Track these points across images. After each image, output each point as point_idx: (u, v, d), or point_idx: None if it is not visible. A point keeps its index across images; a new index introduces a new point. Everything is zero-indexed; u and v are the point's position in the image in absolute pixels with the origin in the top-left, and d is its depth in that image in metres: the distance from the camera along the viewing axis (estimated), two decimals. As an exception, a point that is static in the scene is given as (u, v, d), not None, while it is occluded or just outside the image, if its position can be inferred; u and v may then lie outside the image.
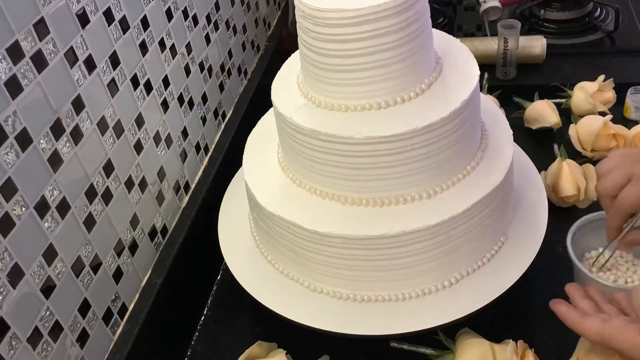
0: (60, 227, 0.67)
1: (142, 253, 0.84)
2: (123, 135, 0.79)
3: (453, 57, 0.76)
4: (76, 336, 0.70)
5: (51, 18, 0.65)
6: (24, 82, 0.62)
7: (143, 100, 0.84)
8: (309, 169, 0.73)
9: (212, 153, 1.05)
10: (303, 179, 0.75)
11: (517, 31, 1.14)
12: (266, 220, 0.77)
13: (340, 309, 0.74)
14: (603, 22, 1.31)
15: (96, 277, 0.73)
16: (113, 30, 0.77)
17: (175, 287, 0.87)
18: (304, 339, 0.76)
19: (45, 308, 0.65)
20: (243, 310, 0.87)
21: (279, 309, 0.75)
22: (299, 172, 0.75)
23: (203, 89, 1.03)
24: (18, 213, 0.61)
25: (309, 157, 0.72)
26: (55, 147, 0.66)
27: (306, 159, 0.72)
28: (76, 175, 0.70)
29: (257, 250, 0.84)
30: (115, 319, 0.77)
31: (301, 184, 0.75)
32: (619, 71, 1.16)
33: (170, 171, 0.91)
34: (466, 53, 0.77)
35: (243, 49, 1.20)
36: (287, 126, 0.72)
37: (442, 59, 0.75)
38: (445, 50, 0.76)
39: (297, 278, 0.78)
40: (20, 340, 0.61)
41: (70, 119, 0.69)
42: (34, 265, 0.63)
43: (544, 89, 1.12)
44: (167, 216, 0.91)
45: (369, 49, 0.65)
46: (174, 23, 0.92)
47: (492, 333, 0.73)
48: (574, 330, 0.62)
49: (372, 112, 0.69)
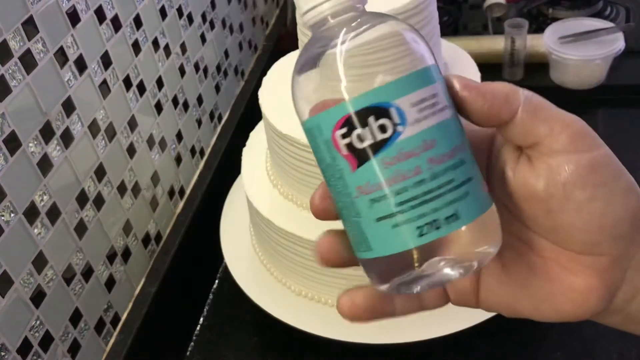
0: (51, 233, 0.67)
1: (136, 260, 0.83)
2: (115, 139, 0.78)
3: (459, 65, 0.76)
4: (67, 347, 0.69)
5: (40, 17, 0.65)
6: (13, 83, 0.61)
7: (136, 102, 0.83)
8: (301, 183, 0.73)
9: (208, 157, 1.04)
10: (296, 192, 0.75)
11: (525, 30, 1.13)
12: (268, 231, 0.77)
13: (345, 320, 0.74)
14: (613, 21, 1.30)
15: (88, 285, 0.73)
16: (105, 29, 0.76)
17: (170, 295, 0.86)
18: (302, 349, 0.76)
19: (35, 317, 0.64)
20: (240, 320, 0.86)
21: (291, 320, 0.76)
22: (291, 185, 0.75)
23: (198, 91, 1.02)
24: (7, 219, 0.61)
25: (302, 171, 0.71)
26: (45, 151, 0.66)
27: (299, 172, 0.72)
28: (67, 180, 0.69)
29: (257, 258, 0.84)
30: (107, 329, 0.77)
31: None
32: (630, 71, 1.15)
33: (164, 176, 0.91)
34: (471, 62, 0.77)
35: (240, 48, 1.19)
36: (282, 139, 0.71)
37: (450, 68, 0.75)
38: (452, 58, 0.76)
39: (305, 293, 0.78)
40: (10, 351, 0.61)
41: (61, 122, 0.68)
42: (24, 273, 0.63)
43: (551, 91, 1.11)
44: (162, 222, 0.90)
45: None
46: (168, 22, 0.92)
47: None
48: None
49: None
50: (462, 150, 0.31)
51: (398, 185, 0.30)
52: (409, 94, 0.30)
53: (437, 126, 0.30)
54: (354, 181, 0.31)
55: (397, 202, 0.30)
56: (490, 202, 0.32)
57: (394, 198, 0.30)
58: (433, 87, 0.31)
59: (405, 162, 0.30)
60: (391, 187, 0.30)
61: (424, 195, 0.30)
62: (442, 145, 0.30)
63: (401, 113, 0.30)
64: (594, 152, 0.31)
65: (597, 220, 0.31)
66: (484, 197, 0.31)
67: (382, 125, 0.30)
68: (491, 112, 0.31)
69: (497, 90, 0.31)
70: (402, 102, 0.30)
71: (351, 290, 0.34)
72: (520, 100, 0.31)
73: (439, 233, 0.30)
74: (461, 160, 0.31)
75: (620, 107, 1.11)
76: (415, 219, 0.30)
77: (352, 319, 0.34)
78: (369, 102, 0.30)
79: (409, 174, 0.30)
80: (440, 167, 0.30)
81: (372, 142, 0.30)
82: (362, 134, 0.30)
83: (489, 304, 0.35)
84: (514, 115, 0.31)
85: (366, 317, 0.34)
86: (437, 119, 0.30)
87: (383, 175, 0.30)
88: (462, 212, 0.30)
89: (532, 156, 0.32)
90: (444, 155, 0.30)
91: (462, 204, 0.30)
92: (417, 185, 0.30)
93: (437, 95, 0.31)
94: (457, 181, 0.30)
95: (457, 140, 0.31)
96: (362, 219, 0.31)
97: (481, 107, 0.31)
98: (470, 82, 0.32)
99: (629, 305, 0.33)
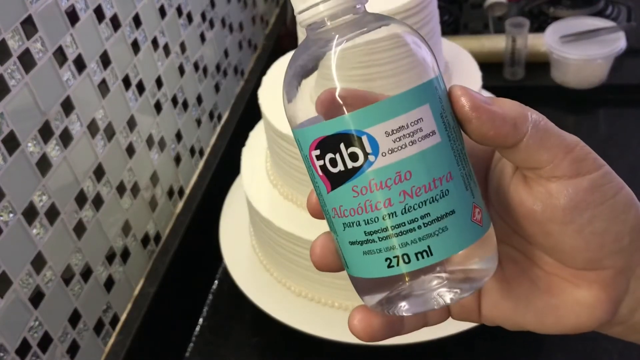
0: (50, 233, 0.66)
1: (135, 261, 0.83)
2: (114, 138, 0.78)
3: (459, 64, 0.76)
4: (66, 347, 0.69)
5: (39, 16, 0.65)
6: (11, 83, 0.61)
7: (135, 101, 0.83)
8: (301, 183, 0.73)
9: (207, 157, 1.04)
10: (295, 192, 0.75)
11: (526, 29, 1.13)
12: (267, 231, 0.76)
13: (346, 321, 0.74)
14: (615, 20, 1.30)
15: (87, 286, 0.73)
16: (104, 28, 0.76)
17: (169, 296, 0.86)
18: (301, 350, 0.76)
19: (34, 318, 0.64)
20: (240, 321, 0.86)
21: (291, 321, 0.75)
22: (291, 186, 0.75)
23: (198, 90, 1.02)
24: (5, 219, 0.60)
25: (302, 171, 0.71)
26: (43, 151, 0.65)
27: (299, 172, 0.72)
28: (66, 180, 0.69)
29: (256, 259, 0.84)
30: (107, 329, 0.77)
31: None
32: (632, 70, 1.15)
33: (163, 176, 0.90)
34: (472, 62, 0.76)
35: (240, 48, 1.19)
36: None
37: (450, 67, 0.74)
38: (453, 57, 0.76)
39: (304, 293, 0.78)
40: (8, 352, 0.61)
41: (60, 121, 0.68)
42: (22, 273, 0.62)
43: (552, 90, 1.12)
44: (161, 222, 0.90)
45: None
46: (167, 21, 0.91)
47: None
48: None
49: None
50: (449, 179, 0.29)
51: (367, 216, 0.29)
52: (385, 122, 0.28)
53: (416, 156, 0.28)
54: (330, 202, 0.30)
55: (367, 231, 0.29)
56: (480, 233, 0.30)
57: (364, 227, 0.29)
58: (419, 111, 0.28)
59: (376, 192, 0.29)
60: (361, 216, 0.29)
61: (394, 229, 0.29)
62: (420, 177, 0.28)
63: (374, 142, 0.28)
64: (592, 174, 0.30)
65: (598, 239, 0.30)
66: (469, 229, 0.30)
67: (353, 154, 0.28)
68: (497, 137, 0.30)
69: (507, 114, 0.30)
70: (376, 130, 0.28)
71: (365, 310, 0.32)
72: (528, 128, 0.30)
73: (408, 267, 0.29)
74: (443, 192, 0.29)
75: (621, 107, 1.11)
76: (384, 251, 0.29)
77: (367, 340, 0.33)
78: (341, 128, 0.28)
79: (379, 205, 0.29)
80: (414, 201, 0.28)
81: (343, 169, 0.29)
82: (334, 159, 0.29)
83: (492, 319, 0.35)
84: (519, 142, 0.30)
85: (380, 337, 0.33)
86: (418, 148, 0.28)
87: (353, 202, 0.29)
88: (436, 248, 0.29)
89: (530, 178, 0.31)
90: (421, 188, 0.28)
91: (437, 240, 0.29)
92: (388, 218, 0.29)
93: (423, 120, 0.28)
94: (433, 215, 0.29)
95: (443, 169, 0.29)
96: (339, 238, 0.31)
97: (487, 132, 0.30)
98: (480, 100, 0.30)
99: (633, 315, 0.33)
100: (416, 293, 0.30)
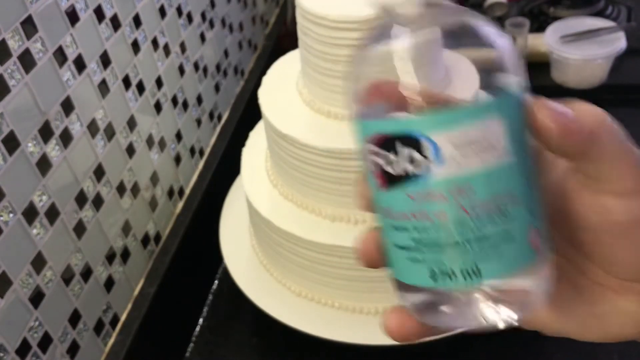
0: (50, 234, 0.66)
1: (135, 261, 0.83)
2: (114, 138, 0.78)
3: (458, 67, 0.75)
4: (66, 348, 0.69)
5: (39, 16, 0.65)
6: (11, 83, 0.61)
7: (135, 101, 0.83)
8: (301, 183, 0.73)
9: (207, 157, 1.04)
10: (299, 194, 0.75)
11: (526, 29, 1.13)
12: (267, 231, 0.76)
13: (346, 321, 0.74)
14: (615, 20, 1.30)
15: (87, 286, 0.72)
16: (104, 28, 0.76)
17: (169, 296, 0.86)
18: (302, 350, 0.76)
19: (34, 318, 0.64)
20: (240, 321, 0.86)
21: (291, 321, 0.75)
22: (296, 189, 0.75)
23: (198, 90, 1.02)
24: (5, 219, 0.60)
25: (302, 171, 0.71)
26: (43, 151, 0.65)
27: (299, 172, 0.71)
28: (66, 180, 0.69)
29: (256, 259, 0.83)
30: (107, 329, 0.77)
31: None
32: (632, 70, 1.15)
33: (163, 176, 0.90)
34: (471, 67, 0.76)
35: (240, 48, 1.19)
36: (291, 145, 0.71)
37: (451, 70, 0.74)
38: (452, 61, 0.76)
39: (305, 294, 0.78)
40: (8, 352, 0.61)
41: (60, 121, 0.68)
42: (22, 273, 0.62)
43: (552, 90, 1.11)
44: (161, 223, 0.90)
45: None
46: (167, 21, 0.91)
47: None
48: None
49: None
50: (512, 199, 0.27)
51: (419, 223, 0.27)
52: (455, 131, 0.26)
53: (480, 171, 0.26)
54: (382, 200, 0.29)
55: (415, 238, 0.28)
56: (535, 260, 0.28)
57: (413, 234, 0.28)
58: (492, 124, 0.26)
59: (431, 202, 0.27)
60: (411, 223, 0.27)
61: (444, 243, 0.27)
62: (481, 194, 0.27)
63: (437, 150, 0.26)
64: None
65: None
66: (525, 254, 0.28)
67: (414, 159, 0.27)
68: (575, 152, 0.28)
69: (584, 123, 0.28)
70: (443, 138, 0.26)
71: (400, 311, 0.31)
72: (606, 140, 0.29)
73: (452, 284, 0.27)
74: (504, 212, 0.27)
75: (621, 107, 1.09)
76: (430, 262, 0.27)
77: (400, 340, 0.32)
78: (405, 130, 0.27)
79: (433, 216, 0.27)
80: (471, 218, 0.27)
81: (401, 172, 0.27)
82: (392, 160, 0.27)
83: (531, 323, 0.34)
84: (592, 154, 0.28)
85: (413, 338, 0.32)
86: (484, 163, 0.26)
87: (405, 208, 0.27)
88: (486, 270, 0.27)
89: (589, 185, 0.29)
90: (480, 206, 0.27)
91: (489, 261, 0.27)
92: (440, 230, 0.27)
93: (494, 135, 0.26)
94: (489, 235, 0.27)
95: (507, 189, 0.27)
96: (386, 236, 0.29)
97: (568, 149, 0.28)
98: (559, 113, 0.28)
99: None
100: (456, 309, 0.29)
